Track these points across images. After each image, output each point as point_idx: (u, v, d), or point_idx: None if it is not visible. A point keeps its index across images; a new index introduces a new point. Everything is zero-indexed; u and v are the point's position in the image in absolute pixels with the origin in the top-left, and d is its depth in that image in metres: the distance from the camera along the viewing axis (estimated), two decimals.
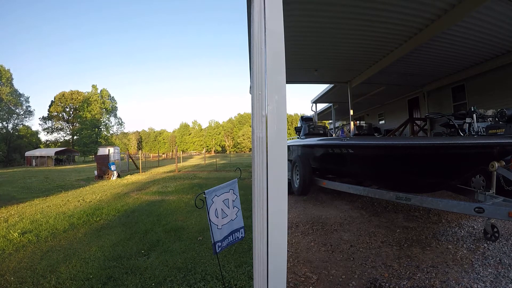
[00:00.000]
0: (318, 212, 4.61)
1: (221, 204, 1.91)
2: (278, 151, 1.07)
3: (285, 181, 1.09)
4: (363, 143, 4.08)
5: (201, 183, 9.37)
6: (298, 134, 7.34)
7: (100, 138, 52.80)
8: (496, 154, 2.73)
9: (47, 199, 7.33)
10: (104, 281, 2.51)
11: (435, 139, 3.43)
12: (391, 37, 5.50)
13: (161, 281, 2.47)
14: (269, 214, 1.06)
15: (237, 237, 2.03)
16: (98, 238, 3.80)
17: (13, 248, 3.51)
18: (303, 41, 5.67)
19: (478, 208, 2.62)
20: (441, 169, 3.19)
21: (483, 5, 4.04)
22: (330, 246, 3.15)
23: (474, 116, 4.66)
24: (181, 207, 5.56)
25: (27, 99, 48.27)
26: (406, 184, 3.74)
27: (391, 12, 4.52)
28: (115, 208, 5.62)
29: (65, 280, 2.55)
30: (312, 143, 5.66)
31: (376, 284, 2.28)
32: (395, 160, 3.50)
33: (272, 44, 1.07)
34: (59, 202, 6.78)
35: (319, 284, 2.34)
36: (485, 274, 2.31)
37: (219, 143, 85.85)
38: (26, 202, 6.95)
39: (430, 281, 2.27)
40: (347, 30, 5.18)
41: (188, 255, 3.03)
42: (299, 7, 4.29)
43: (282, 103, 1.08)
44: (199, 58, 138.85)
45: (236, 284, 2.36)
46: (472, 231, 3.31)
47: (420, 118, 10.15)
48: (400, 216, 4.14)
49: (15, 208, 6.23)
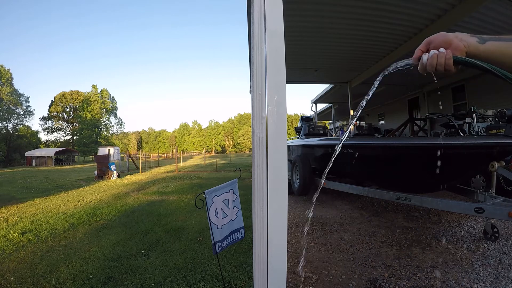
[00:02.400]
0: (318, 212, 4.61)
1: (221, 204, 1.91)
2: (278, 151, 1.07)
3: (285, 181, 1.09)
4: (363, 143, 4.08)
5: (201, 183, 9.37)
6: (298, 134, 7.34)
7: (100, 138, 52.84)
8: (496, 154, 2.73)
9: (47, 199, 7.33)
10: (104, 281, 2.51)
11: (435, 139, 3.43)
12: (391, 37, 5.50)
13: (161, 281, 2.47)
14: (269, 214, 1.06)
15: (237, 237, 2.03)
16: (98, 238, 3.79)
17: (13, 248, 3.51)
18: (303, 41, 5.67)
19: (478, 208, 2.62)
20: (441, 169, 3.19)
21: (483, 5, 4.04)
22: (330, 246, 3.15)
23: (474, 116, 4.66)
24: (181, 207, 5.56)
25: (27, 99, 48.36)
26: (406, 184, 3.74)
27: (391, 12, 4.52)
28: (115, 208, 5.62)
29: (65, 280, 2.55)
30: (312, 143, 5.66)
31: (376, 284, 2.28)
32: (395, 160, 3.50)
33: (272, 44, 1.07)
34: (59, 202, 6.78)
35: (319, 284, 2.34)
36: (485, 274, 2.31)
37: (219, 143, 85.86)
38: (26, 202, 6.95)
39: (430, 281, 2.27)
40: (347, 30, 5.18)
41: (188, 255, 3.03)
42: (299, 7, 4.29)
43: (282, 103, 1.08)
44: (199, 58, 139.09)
45: (236, 284, 2.36)
46: (472, 231, 3.31)
47: (420, 118, 10.15)
48: (400, 216, 4.14)
49: (15, 208, 6.23)
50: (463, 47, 0.62)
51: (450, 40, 0.63)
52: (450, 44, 0.63)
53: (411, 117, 10.91)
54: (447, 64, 0.62)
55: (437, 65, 0.63)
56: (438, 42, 0.65)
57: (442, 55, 0.62)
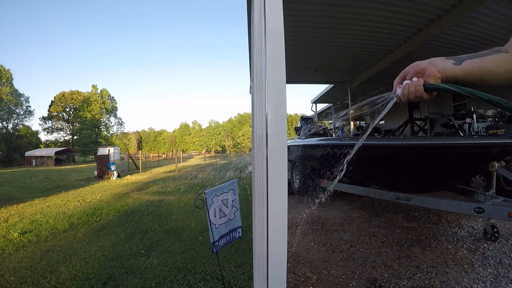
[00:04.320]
0: (318, 212, 4.61)
1: (220, 204, 1.91)
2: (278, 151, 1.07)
3: (285, 181, 1.09)
4: (363, 143, 4.08)
5: (201, 183, 9.38)
6: (298, 134, 7.34)
7: (100, 138, 52.85)
8: (496, 154, 2.73)
9: (47, 199, 7.33)
10: (104, 281, 2.51)
11: (435, 139, 3.43)
12: (391, 37, 5.50)
13: (161, 281, 2.47)
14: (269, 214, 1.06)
15: (234, 236, 2.04)
16: (98, 238, 3.79)
17: (13, 248, 3.51)
18: (303, 41, 5.67)
19: (478, 209, 2.62)
20: (441, 169, 3.19)
21: (483, 5, 4.03)
22: (330, 246, 3.15)
23: (474, 116, 4.66)
24: (181, 207, 5.56)
25: (27, 99, 48.40)
26: (406, 184, 3.74)
27: (391, 12, 4.52)
28: (115, 208, 5.62)
29: (65, 280, 2.55)
30: (312, 143, 5.67)
31: (376, 284, 2.28)
32: (395, 160, 3.50)
33: (272, 44, 1.07)
34: (59, 202, 6.78)
35: (319, 284, 2.34)
36: (485, 274, 2.31)
37: (219, 143, 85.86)
38: (26, 202, 6.95)
39: (430, 281, 2.27)
40: (347, 30, 5.18)
41: (188, 255, 3.03)
42: (299, 7, 4.29)
43: (282, 103, 1.08)
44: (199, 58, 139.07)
45: (236, 284, 2.36)
46: (472, 231, 3.31)
47: (420, 118, 10.14)
48: (400, 216, 4.14)
49: (15, 208, 6.23)
50: (436, 73, 0.63)
51: (423, 68, 0.64)
52: (423, 72, 0.64)
53: (411, 117, 10.90)
54: (417, 91, 0.63)
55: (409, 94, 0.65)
56: (412, 72, 0.67)
57: (412, 84, 0.64)
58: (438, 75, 0.63)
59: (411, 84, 0.64)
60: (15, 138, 44.80)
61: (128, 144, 71.36)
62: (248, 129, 76.94)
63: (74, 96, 55.21)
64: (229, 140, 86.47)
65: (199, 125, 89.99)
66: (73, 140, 54.71)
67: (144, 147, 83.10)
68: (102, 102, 56.96)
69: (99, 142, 51.15)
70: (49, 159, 35.48)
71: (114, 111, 59.83)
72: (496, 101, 0.55)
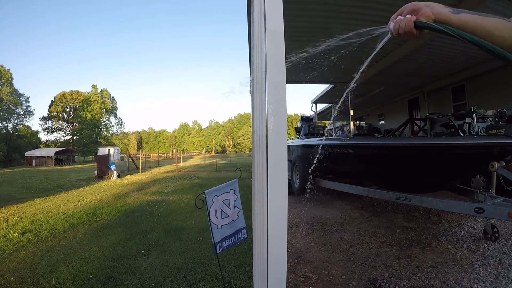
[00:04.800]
0: (318, 212, 4.61)
1: (221, 204, 1.90)
2: (278, 151, 1.07)
3: (285, 181, 1.09)
4: (363, 143, 4.08)
5: (201, 183, 9.37)
6: (298, 134, 7.34)
7: (100, 138, 52.83)
8: (496, 154, 2.73)
9: (47, 199, 7.33)
10: (104, 281, 2.51)
11: (435, 139, 3.43)
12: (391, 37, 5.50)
13: (161, 281, 2.47)
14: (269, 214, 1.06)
15: (239, 237, 2.00)
16: (98, 238, 3.79)
17: (13, 248, 3.51)
18: (303, 41, 5.67)
19: (478, 209, 2.62)
20: (441, 169, 3.19)
21: (483, 5, 4.03)
22: (330, 246, 3.15)
23: (474, 116, 4.66)
24: (181, 207, 5.56)
25: (27, 99, 48.35)
26: (406, 184, 3.74)
27: (391, 12, 4.50)
28: (115, 208, 5.62)
29: (65, 280, 2.55)
30: (312, 143, 5.66)
31: (376, 284, 2.28)
32: (395, 160, 3.50)
33: (272, 44, 1.07)
34: (59, 202, 6.78)
35: (319, 284, 2.34)
36: (485, 274, 2.31)
37: (219, 143, 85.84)
38: (26, 202, 6.95)
39: (430, 281, 2.27)
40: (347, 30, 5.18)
41: (188, 255, 3.03)
42: (299, 7, 4.29)
43: (282, 103, 1.08)
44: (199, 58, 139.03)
45: (236, 284, 2.36)
46: (472, 231, 3.31)
47: (420, 118, 10.14)
48: (400, 216, 4.14)
49: (15, 208, 6.23)
50: (430, 14, 0.65)
51: (419, 8, 0.67)
52: (418, 11, 0.67)
53: (411, 117, 10.91)
54: (407, 26, 0.66)
55: (399, 28, 0.69)
56: (408, 10, 0.69)
57: (404, 20, 0.67)
58: (432, 17, 0.65)
59: (404, 19, 0.68)
60: (15, 138, 44.79)
61: (128, 144, 71.35)
62: (248, 129, 76.93)
63: (74, 96, 55.19)
64: (229, 140, 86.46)
65: (199, 125, 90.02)
66: (73, 140, 54.70)
67: (144, 147, 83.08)
68: (102, 102, 56.93)
69: (99, 142, 51.12)
70: (49, 159, 35.48)
71: (114, 111, 59.82)
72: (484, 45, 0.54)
